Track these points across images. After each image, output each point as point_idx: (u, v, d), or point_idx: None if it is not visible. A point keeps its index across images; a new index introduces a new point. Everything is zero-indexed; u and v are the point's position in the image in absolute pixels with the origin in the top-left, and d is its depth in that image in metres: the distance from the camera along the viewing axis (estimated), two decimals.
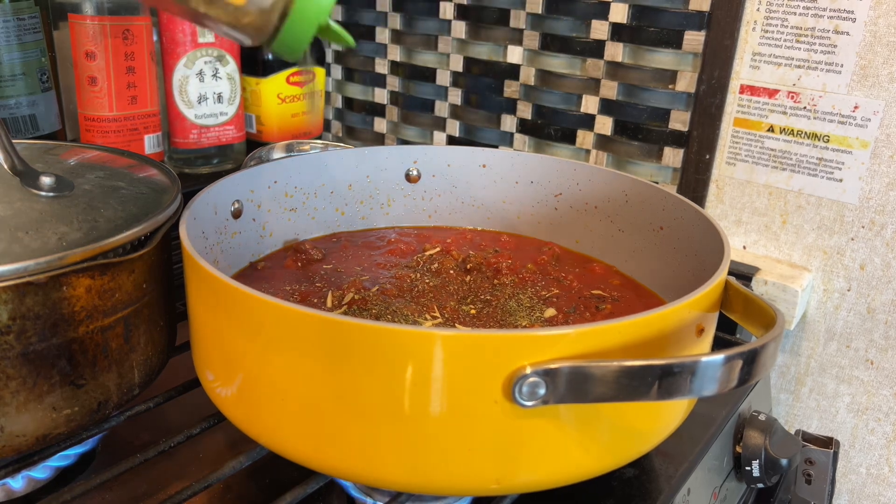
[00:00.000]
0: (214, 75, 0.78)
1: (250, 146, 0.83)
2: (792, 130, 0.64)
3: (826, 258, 0.65)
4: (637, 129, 0.72)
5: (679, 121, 0.70)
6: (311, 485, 0.40)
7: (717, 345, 0.37)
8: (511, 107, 0.80)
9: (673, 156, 0.71)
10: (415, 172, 0.61)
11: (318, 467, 0.37)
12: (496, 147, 0.82)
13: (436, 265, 0.53)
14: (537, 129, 0.79)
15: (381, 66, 0.89)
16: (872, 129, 0.60)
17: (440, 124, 0.86)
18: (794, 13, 0.62)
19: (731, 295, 0.40)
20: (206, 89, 0.78)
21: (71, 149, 0.51)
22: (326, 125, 0.97)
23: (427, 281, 0.51)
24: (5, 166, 0.42)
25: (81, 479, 0.40)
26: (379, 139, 0.93)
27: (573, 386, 0.31)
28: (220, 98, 0.79)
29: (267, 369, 0.35)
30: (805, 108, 0.63)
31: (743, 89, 0.66)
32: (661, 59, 0.70)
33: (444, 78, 0.84)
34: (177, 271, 0.45)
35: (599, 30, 0.72)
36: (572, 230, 0.58)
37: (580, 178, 0.58)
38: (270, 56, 0.82)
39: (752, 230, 0.68)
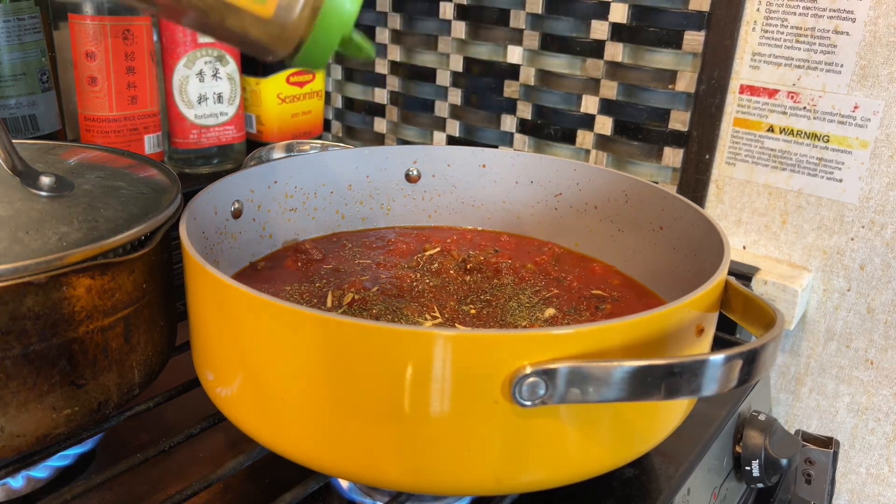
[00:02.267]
0: (214, 75, 0.78)
1: (250, 146, 0.83)
2: (792, 130, 0.64)
3: (826, 258, 0.65)
4: (637, 129, 0.72)
5: (679, 121, 0.70)
6: (310, 485, 0.40)
7: (717, 345, 0.37)
8: (511, 107, 0.80)
9: (673, 156, 0.71)
10: (415, 172, 0.61)
11: (318, 467, 0.37)
12: (496, 147, 0.82)
13: (436, 265, 0.53)
14: (537, 129, 0.79)
15: (381, 66, 0.89)
16: (872, 129, 0.60)
17: (440, 124, 0.86)
18: (794, 13, 0.62)
19: (731, 295, 0.40)
20: (206, 89, 0.78)
21: (71, 149, 0.51)
22: (326, 125, 0.97)
23: (427, 281, 0.51)
24: (5, 166, 0.42)
25: (81, 479, 0.40)
26: (379, 139, 0.93)
27: (573, 386, 0.31)
28: (220, 98, 0.79)
29: (267, 369, 0.35)
30: (805, 108, 0.63)
31: (743, 89, 0.66)
32: (661, 59, 0.70)
33: (444, 78, 0.84)
34: (177, 271, 0.45)
35: (599, 30, 0.72)
36: (572, 230, 0.58)
37: (580, 178, 0.58)
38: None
39: (752, 230, 0.68)
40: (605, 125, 0.74)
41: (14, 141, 0.43)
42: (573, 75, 0.75)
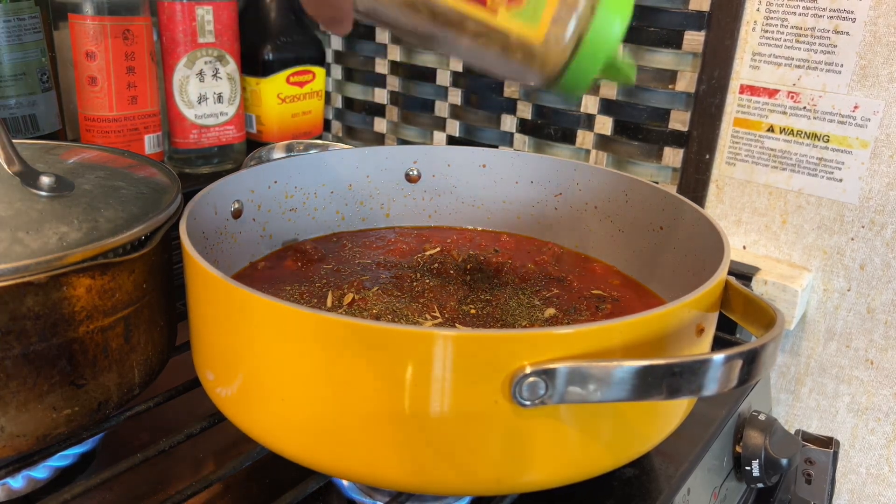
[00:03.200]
0: (214, 75, 0.78)
1: (250, 146, 0.83)
2: (792, 130, 0.64)
3: (826, 258, 0.65)
4: (637, 129, 0.72)
5: (679, 121, 0.70)
6: (310, 485, 0.40)
7: (717, 345, 0.37)
8: (511, 107, 0.80)
9: (673, 156, 0.71)
10: (415, 172, 0.61)
11: (318, 467, 0.37)
12: (496, 147, 0.82)
13: (436, 265, 0.53)
14: (537, 129, 0.79)
15: (381, 66, 0.89)
16: (872, 129, 0.60)
17: (440, 124, 0.86)
18: (794, 13, 0.62)
19: (731, 295, 0.40)
20: (207, 89, 0.78)
21: (71, 149, 0.51)
22: (326, 125, 0.97)
23: (427, 281, 0.51)
24: (5, 166, 0.42)
25: (81, 479, 0.40)
26: (379, 139, 0.93)
27: (572, 386, 0.31)
28: (220, 98, 0.79)
29: (267, 369, 0.35)
30: (805, 108, 0.63)
31: (743, 89, 0.66)
32: (661, 59, 0.70)
33: (444, 78, 0.84)
34: (177, 271, 0.45)
35: None
36: (572, 230, 0.58)
37: (580, 178, 0.58)
38: (271, 56, 0.82)
39: (752, 230, 0.68)
40: (605, 125, 0.74)
41: (14, 141, 0.43)
42: None
